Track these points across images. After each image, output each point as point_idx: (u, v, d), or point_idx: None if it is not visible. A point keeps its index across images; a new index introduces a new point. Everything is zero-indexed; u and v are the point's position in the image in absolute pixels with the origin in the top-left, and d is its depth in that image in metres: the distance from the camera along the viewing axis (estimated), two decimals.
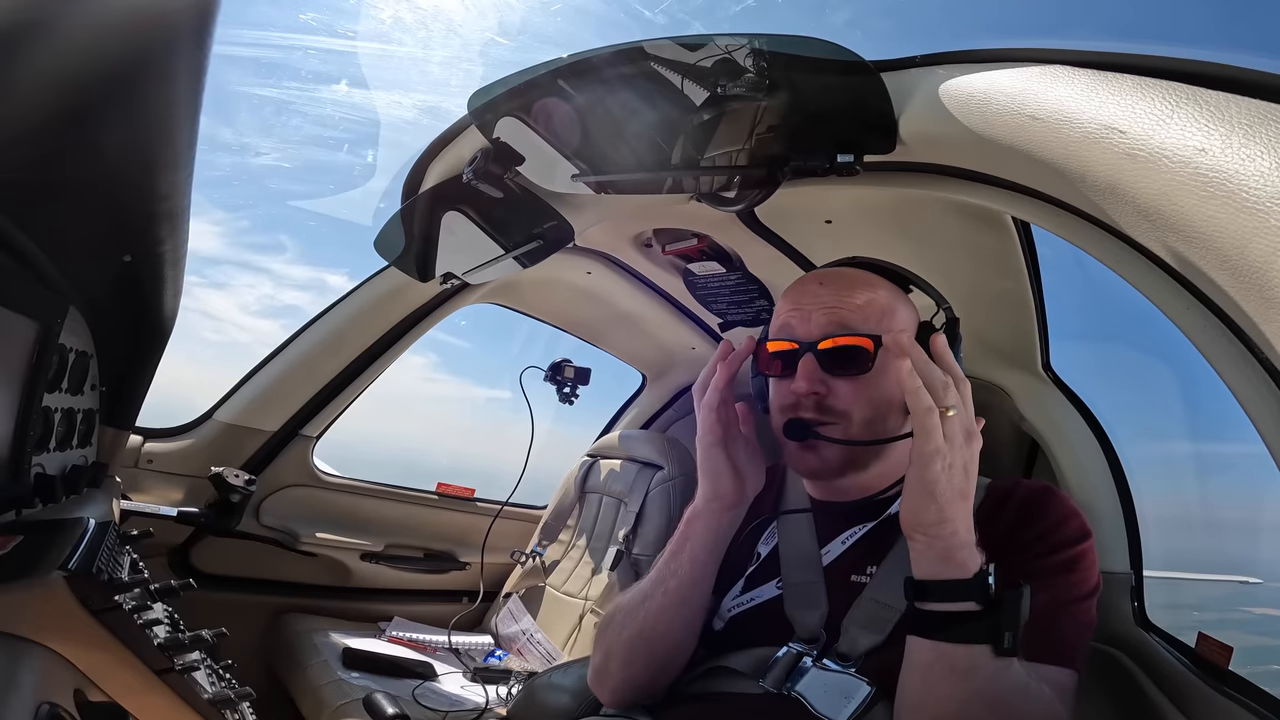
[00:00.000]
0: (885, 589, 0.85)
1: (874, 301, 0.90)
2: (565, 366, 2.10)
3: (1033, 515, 0.85)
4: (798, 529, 0.99)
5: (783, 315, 0.94)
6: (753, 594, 0.96)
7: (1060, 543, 0.82)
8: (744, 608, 0.96)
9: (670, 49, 0.88)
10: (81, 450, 1.13)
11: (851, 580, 0.89)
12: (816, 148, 0.93)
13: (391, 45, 6.35)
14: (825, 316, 0.89)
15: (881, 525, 0.92)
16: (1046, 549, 0.82)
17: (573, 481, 2.30)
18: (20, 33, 0.38)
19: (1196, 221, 0.51)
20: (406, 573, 2.12)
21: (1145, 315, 0.73)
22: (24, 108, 0.45)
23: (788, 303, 0.94)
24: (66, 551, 0.73)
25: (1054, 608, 0.78)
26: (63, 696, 0.63)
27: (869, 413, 0.88)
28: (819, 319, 0.89)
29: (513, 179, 1.26)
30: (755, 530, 1.02)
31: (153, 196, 0.74)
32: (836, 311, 0.89)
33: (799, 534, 0.98)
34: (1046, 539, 0.82)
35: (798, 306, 0.92)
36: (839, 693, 0.79)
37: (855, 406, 0.87)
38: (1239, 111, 0.51)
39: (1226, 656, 0.87)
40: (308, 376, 1.82)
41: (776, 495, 1.07)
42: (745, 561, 1.00)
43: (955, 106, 0.75)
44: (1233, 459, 1.42)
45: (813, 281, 0.94)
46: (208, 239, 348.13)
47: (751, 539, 1.02)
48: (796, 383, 0.88)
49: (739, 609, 0.96)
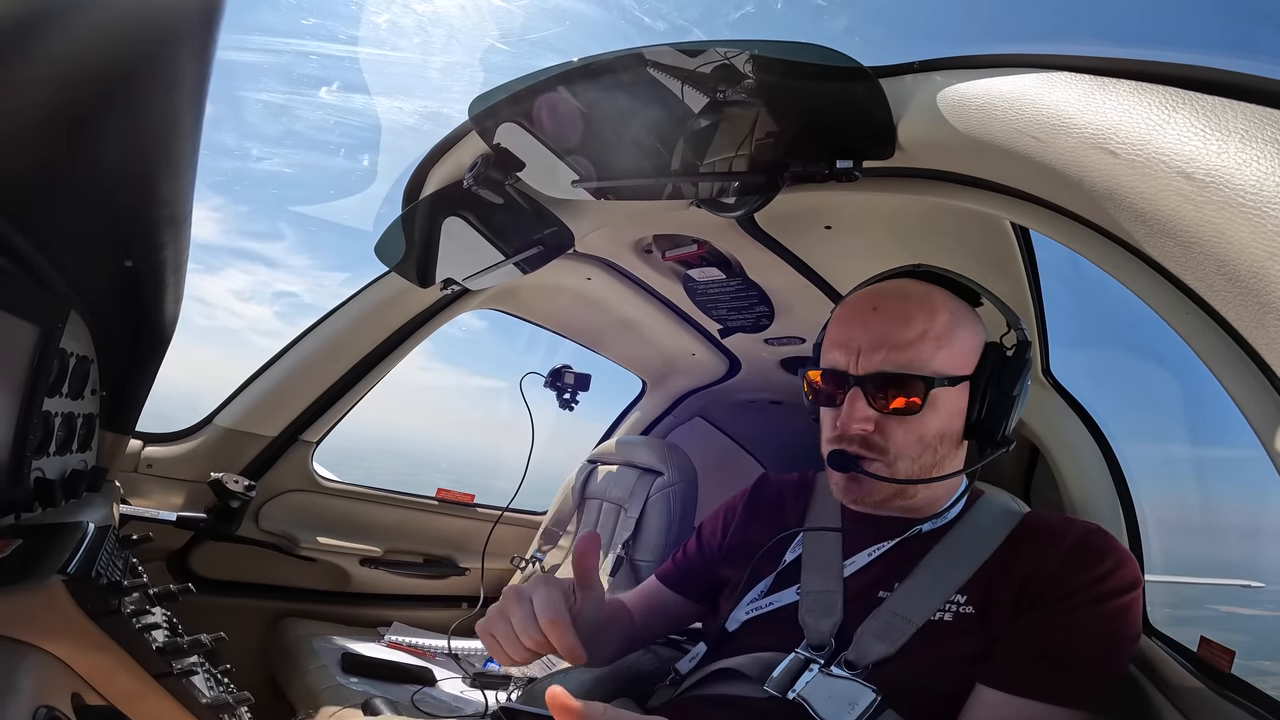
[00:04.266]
0: (907, 603, 0.85)
1: (928, 333, 0.85)
2: (565, 372, 2.09)
3: (1088, 559, 0.81)
4: (823, 538, 0.99)
5: (834, 340, 0.90)
6: (772, 599, 0.96)
7: (1117, 589, 0.79)
8: (760, 611, 0.95)
9: (670, 55, 0.88)
10: (81, 455, 1.13)
11: (872, 592, 0.89)
12: (816, 153, 0.93)
13: (392, 51, 6.42)
14: (876, 353, 0.85)
15: (910, 541, 0.92)
16: (1101, 595, 0.78)
17: (572, 487, 2.30)
18: (21, 27, 0.38)
19: (1193, 226, 0.51)
20: (406, 578, 2.12)
21: (1144, 320, 0.73)
22: (24, 103, 0.45)
23: (840, 328, 0.91)
24: (66, 556, 0.73)
25: (1097, 654, 0.76)
26: (61, 700, 0.63)
27: (917, 450, 0.86)
28: (870, 354, 0.86)
29: (513, 185, 1.26)
30: (783, 539, 1.02)
31: (155, 201, 0.75)
32: (888, 347, 0.85)
33: (825, 543, 0.98)
34: (1103, 584, 0.79)
35: (848, 337, 0.88)
36: (844, 700, 0.78)
37: (903, 445, 0.86)
38: (1235, 116, 0.51)
39: (1229, 660, 0.86)
40: (308, 382, 1.82)
41: (805, 506, 1.07)
42: (770, 567, 1.00)
43: (953, 112, 0.75)
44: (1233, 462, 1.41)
45: (866, 306, 0.90)
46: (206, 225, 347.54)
47: (779, 547, 1.01)
48: (843, 419, 0.86)
49: (756, 612, 0.96)
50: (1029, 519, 0.90)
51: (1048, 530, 0.86)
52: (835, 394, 0.89)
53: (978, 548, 0.87)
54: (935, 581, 0.85)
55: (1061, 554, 0.82)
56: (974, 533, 0.89)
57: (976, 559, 0.86)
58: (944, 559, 0.87)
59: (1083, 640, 0.76)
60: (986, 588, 0.83)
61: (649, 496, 2.02)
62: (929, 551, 0.89)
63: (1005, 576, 0.83)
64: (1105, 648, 0.77)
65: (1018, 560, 0.84)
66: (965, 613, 0.82)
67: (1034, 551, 0.84)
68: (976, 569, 0.85)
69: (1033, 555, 0.83)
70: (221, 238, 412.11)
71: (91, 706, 0.68)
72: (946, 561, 0.87)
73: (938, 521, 0.92)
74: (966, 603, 0.83)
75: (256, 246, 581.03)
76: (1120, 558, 0.81)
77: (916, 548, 0.90)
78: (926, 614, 0.83)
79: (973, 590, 0.83)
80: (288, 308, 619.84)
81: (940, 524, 0.92)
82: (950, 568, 0.86)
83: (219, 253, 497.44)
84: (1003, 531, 0.88)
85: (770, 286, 1.75)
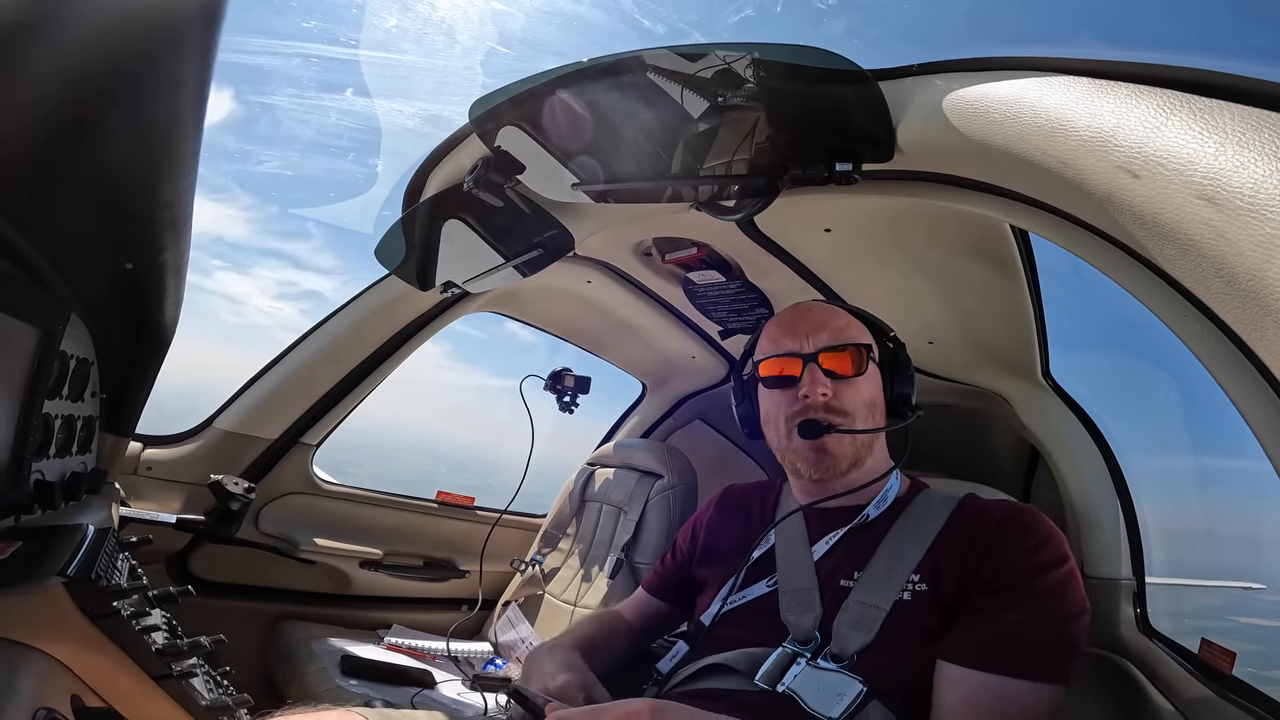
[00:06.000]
0: (869, 591, 0.90)
1: (851, 322, 1.06)
2: (565, 375, 2.09)
3: (1013, 535, 0.87)
4: (791, 532, 1.06)
5: (776, 338, 1.06)
6: (745, 592, 1.03)
7: (1045, 564, 0.84)
8: (734, 605, 1.02)
9: (669, 59, 0.88)
10: (81, 457, 1.13)
11: (839, 584, 0.94)
12: (815, 156, 0.94)
13: (393, 54, 6.44)
14: (821, 333, 1.02)
15: (860, 529, 0.99)
16: (1032, 570, 0.83)
17: (572, 490, 2.29)
18: (23, 27, 0.38)
19: (1191, 229, 0.51)
20: (406, 580, 2.12)
21: (1144, 323, 0.74)
22: (26, 104, 0.45)
23: (779, 328, 1.07)
24: (65, 558, 0.73)
25: (1041, 628, 0.80)
26: (60, 702, 0.63)
27: (864, 410, 1.00)
28: (816, 335, 1.02)
29: (513, 188, 1.26)
30: (752, 537, 1.09)
31: (156, 204, 0.75)
32: (829, 330, 1.03)
33: (793, 537, 1.05)
34: (1030, 559, 0.84)
35: (792, 328, 1.05)
36: (832, 691, 0.82)
37: (855, 406, 1.00)
38: (1232, 119, 0.51)
39: (1230, 662, 0.87)
40: (308, 385, 1.82)
41: (773, 507, 1.16)
42: (739, 562, 1.06)
43: (953, 115, 0.76)
44: (1233, 466, 1.41)
45: (796, 312, 1.08)
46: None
47: (746, 543, 1.08)
48: (807, 388, 0.99)
49: (731, 606, 1.02)
50: (966, 500, 0.97)
51: (980, 510, 0.94)
52: (792, 372, 1.02)
53: (923, 530, 0.93)
54: (891, 567, 0.91)
55: (991, 530, 0.89)
56: (918, 518, 0.96)
57: (924, 540, 0.92)
58: (896, 544, 0.94)
59: (1025, 615, 0.80)
60: (935, 567, 0.88)
61: (649, 499, 2.02)
62: (881, 540, 0.95)
63: (948, 554, 0.89)
64: (1047, 620, 0.80)
65: (957, 538, 0.90)
66: (920, 590, 0.88)
67: (968, 529, 0.91)
68: (925, 550, 0.91)
69: (967, 532, 0.90)
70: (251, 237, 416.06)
71: (91, 708, 0.67)
72: (898, 546, 0.93)
73: (880, 506, 1.00)
74: (920, 580, 0.88)
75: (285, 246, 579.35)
76: (1046, 533, 0.87)
77: (866, 535, 0.98)
78: (891, 597, 0.88)
79: (924, 570, 0.89)
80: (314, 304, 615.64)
81: (883, 509, 1.00)
82: (903, 551, 0.92)
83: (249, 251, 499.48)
84: (944, 514, 0.95)
85: (770, 289, 1.76)
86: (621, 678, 1.09)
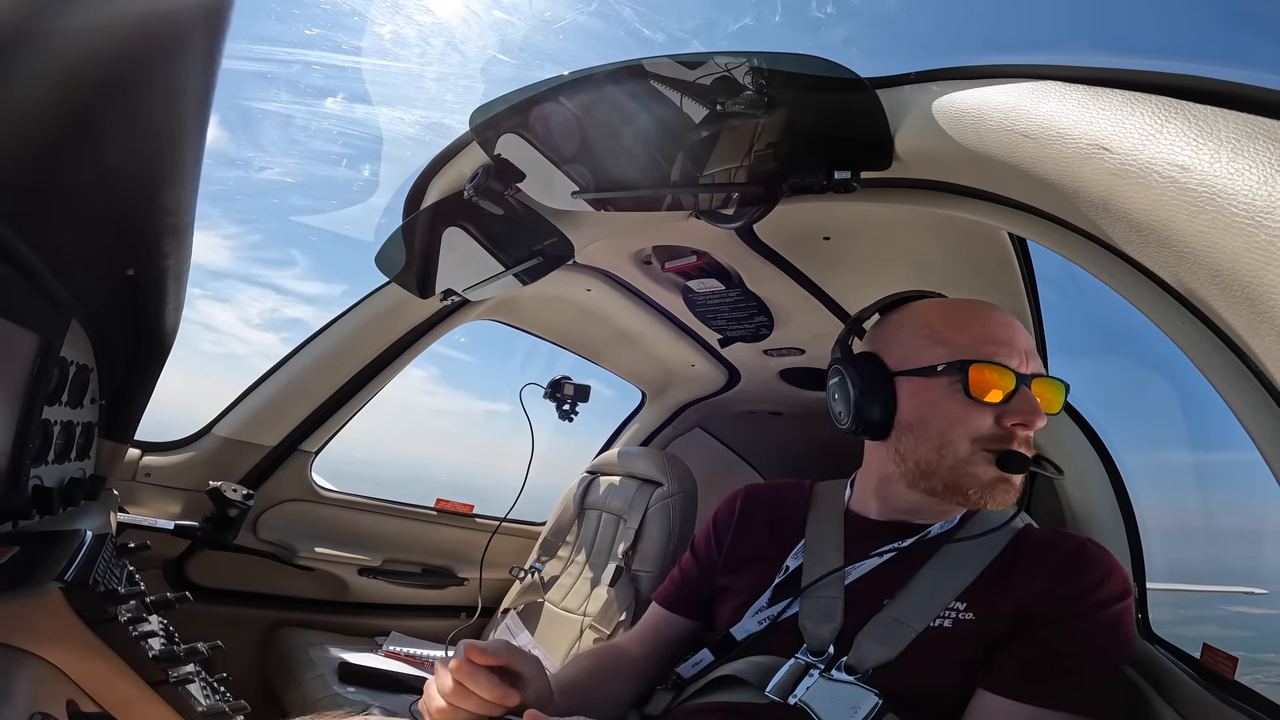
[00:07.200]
0: (908, 609, 0.86)
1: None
2: (564, 383, 2.09)
3: (1081, 569, 0.84)
4: (824, 544, 1.00)
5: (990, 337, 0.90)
6: (775, 608, 0.96)
7: (1108, 599, 0.81)
8: (766, 624, 0.95)
9: (669, 67, 0.89)
10: (80, 463, 1.13)
11: (874, 598, 0.89)
12: (814, 165, 0.94)
13: (394, 62, 6.46)
14: (1032, 358, 0.90)
15: (917, 547, 0.93)
16: (1094, 604, 0.81)
17: (572, 498, 2.29)
18: (23, 31, 0.38)
19: (1186, 236, 0.52)
20: (404, 588, 2.11)
21: (1142, 330, 0.74)
22: (26, 109, 0.45)
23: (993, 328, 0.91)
24: (63, 563, 0.73)
25: (1093, 662, 0.78)
26: (56, 707, 0.63)
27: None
28: (1028, 358, 0.89)
29: (513, 195, 1.27)
30: (785, 545, 1.03)
31: (157, 210, 0.75)
32: (1033, 355, 0.90)
33: (825, 550, 0.99)
34: (1093, 593, 0.81)
35: (1009, 337, 0.90)
36: (846, 704, 0.79)
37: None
38: (1227, 126, 0.51)
39: (1232, 667, 0.86)
40: (307, 392, 1.82)
41: (805, 510, 1.08)
42: (773, 574, 1.01)
43: (949, 123, 0.76)
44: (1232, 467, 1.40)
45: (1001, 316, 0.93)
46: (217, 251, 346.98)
47: (781, 553, 1.03)
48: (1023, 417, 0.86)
49: (768, 621, 0.95)
50: (1026, 531, 0.92)
51: (1043, 542, 0.89)
52: (1003, 388, 0.87)
53: (977, 555, 0.89)
54: (936, 588, 0.87)
55: (1055, 564, 0.84)
56: (974, 541, 0.91)
57: (976, 567, 0.87)
58: (946, 566, 0.89)
59: (1078, 648, 0.78)
60: (985, 595, 0.84)
61: (648, 507, 2.02)
62: (929, 559, 0.90)
63: (1003, 585, 0.85)
64: (1100, 654, 0.79)
65: (1015, 570, 0.86)
66: (965, 619, 0.83)
67: (1030, 562, 0.86)
68: (975, 577, 0.86)
69: (1028, 566, 0.86)
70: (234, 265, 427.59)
71: (87, 713, 0.67)
72: (948, 568, 0.88)
73: (946, 526, 0.95)
74: (966, 609, 0.84)
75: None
76: (1110, 567, 0.84)
77: (920, 554, 0.92)
78: (927, 620, 0.84)
79: (972, 597, 0.85)
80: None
81: (947, 528, 0.95)
82: (951, 574, 0.87)
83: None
84: (1001, 541, 0.90)
85: (769, 297, 1.76)
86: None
